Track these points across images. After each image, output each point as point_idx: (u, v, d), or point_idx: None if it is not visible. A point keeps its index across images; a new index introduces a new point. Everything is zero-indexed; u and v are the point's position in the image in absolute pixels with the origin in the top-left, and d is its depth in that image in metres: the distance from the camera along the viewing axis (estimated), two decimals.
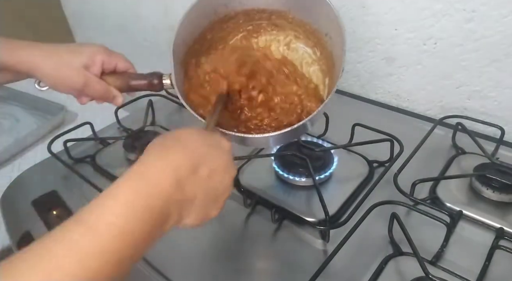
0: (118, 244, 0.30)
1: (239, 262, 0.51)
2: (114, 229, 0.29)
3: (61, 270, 0.26)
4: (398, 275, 0.47)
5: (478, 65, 0.67)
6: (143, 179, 0.33)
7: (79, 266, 0.27)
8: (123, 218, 0.30)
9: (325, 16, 0.51)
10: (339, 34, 0.48)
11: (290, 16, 0.56)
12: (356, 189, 0.59)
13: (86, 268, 0.27)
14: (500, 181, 0.54)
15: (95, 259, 0.28)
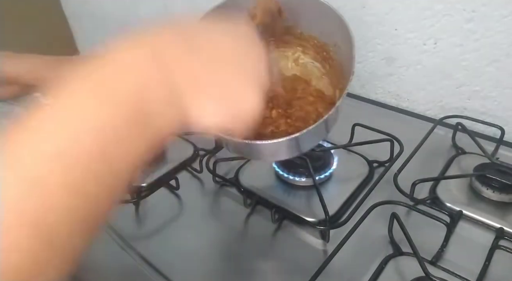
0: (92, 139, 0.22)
1: (239, 262, 0.51)
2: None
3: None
4: (398, 275, 0.47)
5: (478, 65, 0.67)
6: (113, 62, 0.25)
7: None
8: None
9: (333, 25, 0.51)
10: (347, 40, 0.48)
11: (298, 31, 0.57)
12: (356, 189, 0.59)
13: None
14: (500, 181, 0.54)
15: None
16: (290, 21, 0.55)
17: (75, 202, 0.22)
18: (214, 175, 0.63)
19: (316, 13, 0.53)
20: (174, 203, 0.61)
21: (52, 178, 0.21)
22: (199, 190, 0.64)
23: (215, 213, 0.59)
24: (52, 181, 0.21)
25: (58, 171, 0.21)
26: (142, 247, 0.54)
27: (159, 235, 0.56)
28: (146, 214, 0.60)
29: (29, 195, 0.20)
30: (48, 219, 0.21)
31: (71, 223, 0.22)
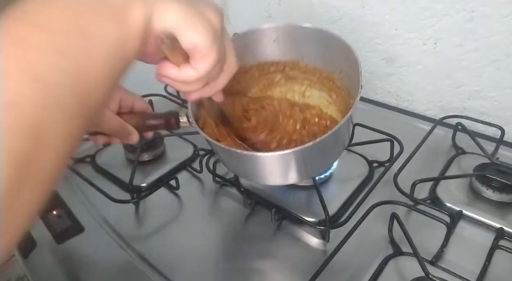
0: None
1: (239, 262, 0.51)
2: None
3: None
4: (398, 275, 0.47)
5: (478, 65, 0.67)
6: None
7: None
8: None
9: (338, 52, 0.52)
10: (353, 64, 0.49)
11: (303, 65, 0.58)
12: (356, 189, 0.59)
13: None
14: (500, 181, 0.54)
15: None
16: (295, 56, 0.58)
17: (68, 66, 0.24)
18: (214, 175, 0.63)
19: (319, 43, 0.54)
20: (174, 203, 0.61)
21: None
22: (199, 190, 0.64)
23: (215, 213, 0.59)
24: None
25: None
26: (142, 247, 0.54)
27: (159, 235, 0.56)
28: (146, 214, 0.60)
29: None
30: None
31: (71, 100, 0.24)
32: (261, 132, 0.55)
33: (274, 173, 0.48)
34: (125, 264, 0.53)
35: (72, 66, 0.24)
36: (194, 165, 0.67)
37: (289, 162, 0.46)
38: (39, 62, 0.23)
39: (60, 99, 0.24)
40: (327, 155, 0.50)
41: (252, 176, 0.51)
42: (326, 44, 0.53)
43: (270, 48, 0.57)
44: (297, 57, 0.58)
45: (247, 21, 0.96)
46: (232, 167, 0.53)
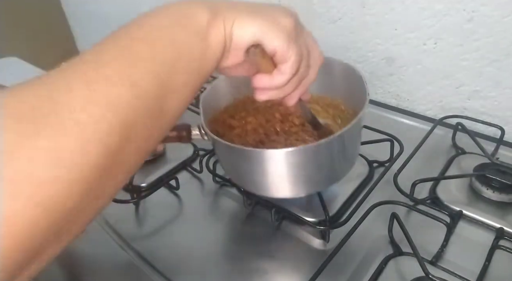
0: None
1: (239, 262, 0.51)
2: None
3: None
4: (398, 275, 0.47)
5: (478, 65, 0.67)
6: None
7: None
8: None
9: (340, 75, 0.54)
10: (357, 84, 0.50)
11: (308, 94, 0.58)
12: (356, 189, 0.59)
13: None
14: (500, 181, 0.54)
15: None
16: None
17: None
18: (214, 175, 0.63)
19: (320, 71, 0.55)
20: (174, 203, 0.61)
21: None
22: (199, 190, 0.64)
23: (215, 213, 0.59)
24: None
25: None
26: (142, 247, 0.54)
27: (159, 235, 0.56)
28: (146, 214, 0.60)
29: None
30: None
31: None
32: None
33: (279, 180, 0.48)
34: (125, 264, 0.53)
35: (162, 71, 0.28)
36: (194, 165, 0.67)
37: (297, 164, 0.46)
38: (136, 69, 0.26)
39: (148, 102, 0.27)
40: (334, 165, 0.49)
41: (259, 186, 0.50)
42: (327, 70, 0.55)
43: None
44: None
45: None
46: (247, 177, 0.51)
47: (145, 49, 0.27)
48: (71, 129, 0.23)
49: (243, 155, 0.46)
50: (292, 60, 0.35)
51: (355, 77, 0.51)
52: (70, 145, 0.23)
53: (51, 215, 0.22)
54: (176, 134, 0.51)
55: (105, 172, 0.25)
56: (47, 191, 0.22)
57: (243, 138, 0.56)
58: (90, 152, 0.23)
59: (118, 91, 0.25)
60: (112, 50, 0.27)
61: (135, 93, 0.26)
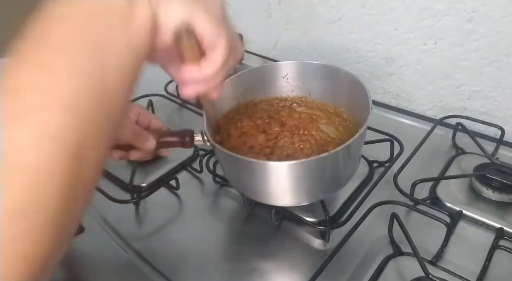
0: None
1: (239, 262, 0.51)
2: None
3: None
4: (398, 275, 0.47)
5: (478, 65, 0.67)
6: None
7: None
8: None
9: (344, 85, 0.55)
10: (361, 95, 0.50)
11: (310, 100, 0.61)
12: (356, 189, 0.59)
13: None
14: (500, 181, 0.54)
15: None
16: (303, 92, 0.61)
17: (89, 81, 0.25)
18: (214, 175, 0.63)
19: (326, 78, 0.57)
20: (174, 203, 0.61)
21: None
22: (199, 190, 0.64)
23: (215, 213, 0.59)
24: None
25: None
26: (142, 247, 0.54)
27: (159, 235, 0.56)
28: (146, 214, 0.60)
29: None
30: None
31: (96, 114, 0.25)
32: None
33: (283, 189, 0.48)
34: (125, 264, 0.53)
35: (95, 82, 0.25)
36: (194, 165, 0.67)
37: (300, 175, 0.46)
38: (67, 88, 0.23)
39: (91, 118, 0.24)
40: (338, 174, 0.49)
41: (262, 194, 0.50)
42: (332, 79, 0.56)
43: (280, 84, 0.61)
44: (305, 93, 0.61)
45: (247, 21, 0.96)
46: (249, 186, 0.51)
47: (65, 62, 0.24)
48: (16, 177, 0.21)
49: (244, 165, 0.46)
50: (223, 46, 0.33)
51: (360, 89, 0.51)
52: (20, 194, 0.21)
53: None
54: (179, 140, 0.51)
55: (67, 208, 0.24)
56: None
57: (247, 142, 0.56)
58: (45, 191, 0.22)
59: (52, 118, 0.23)
60: (26, 72, 0.23)
61: (73, 115, 0.23)
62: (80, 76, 0.24)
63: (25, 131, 0.22)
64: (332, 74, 0.56)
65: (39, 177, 0.22)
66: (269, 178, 0.46)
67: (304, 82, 0.60)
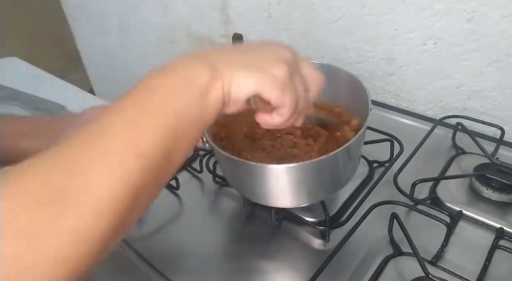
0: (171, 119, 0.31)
1: (239, 262, 0.51)
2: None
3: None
4: (398, 275, 0.47)
5: (478, 65, 0.67)
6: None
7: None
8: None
9: (344, 84, 0.54)
10: (361, 96, 0.50)
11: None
12: (356, 189, 0.59)
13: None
14: (500, 181, 0.54)
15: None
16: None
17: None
18: (214, 175, 0.63)
19: (326, 78, 0.56)
20: (174, 203, 0.61)
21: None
22: (199, 190, 0.64)
23: (215, 213, 0.60)
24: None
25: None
26: (142, 247, 0.54)
27: (159, 235, 0.56)
28: (146, 214, 0.60)
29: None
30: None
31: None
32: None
33: (282, 191, 0.48)
34: (125, 264, 0.53)
35: (167, 142, 0.30)
36: (194, 165, 0.67)
37: (299, 177, 0.46)
38: (143, 141, 0.29)
39: (152, 170, 0.29)
40: (338, 175, 0.49)
41: (262, 196, 0.50)
42: (332, 78, 0.55)
43: None
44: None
45: (247, 21, 0.96)
46: (249, 188, 0.51)
47: (151, 123, 0.30)
48: (89, 206, 0.26)
49: (243, 167, 0.46)
50: (288, 104, 0.36)
51: (360, 89, 0.51)
52: (86, 219, 0.26)
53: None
54: None
55: (116, 230, 0.28)
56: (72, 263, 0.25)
57: (248, 141, 0.56)
58: (103, 220, 0.27)
59: (129, 163, 0.28)
60: (119, 124, 0.29)
61: (144, 164, 0.29)
62: (157, 135, 0.30)
63: (103, 170, 0.27)
64: (332, 73, 0.56)
65: (104, 207, 0.26)
66: (268, 181, 0.46)
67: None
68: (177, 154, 0.32)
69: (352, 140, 0.44)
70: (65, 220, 0.25)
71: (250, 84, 0.35)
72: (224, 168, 0.53)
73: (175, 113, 0.31)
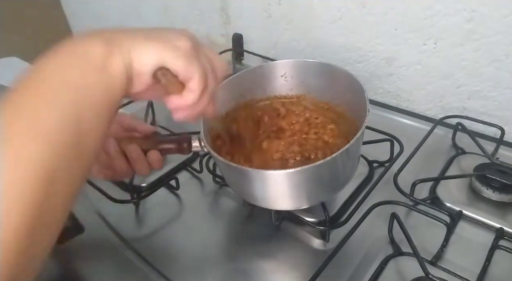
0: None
1: (239, 262, 0.51)
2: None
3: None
4: (398, 275, 0.47)
5: (478, 65, 0.67)
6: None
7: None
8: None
9: (342, 84, 0.55)
10: (359, 95, 0.50)
11: (309, 98, 0.61)
12: (356, 189, 0.59)
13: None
14: (500, 181, 0.54)
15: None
16: (302, 90, 0.61)
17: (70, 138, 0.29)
18: (214, 175, 0.63)
19: (324, 77, 0.57)
20: (174, 203, 0.61)
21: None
22: (199, 190, 0.64)
23: (215, 213, 0.59)
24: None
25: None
26: (142, 247, 0.54)
27: (159, 235, 0.56)
28: (146, 214, 0.60)
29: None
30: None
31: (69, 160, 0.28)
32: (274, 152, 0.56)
33: (282, 194, 0.48)
34: (125, 264, 0.53)
35: (68, 118, 0.28)
36: (194, 165, 0.67)
37: (298, 182, 0.45)
38: (41, 121, 0.27)
39: (62, 149, 0.27)
40: (337, 177, 0.49)
41: (260, 199, 0.49)
42: (331, 77, 0.56)
43: (278, 82, 0.60)
44: (304, 91, 0.61)
45: (247, 21, 0.96)
46: (242, 190, 0.51)
47: (43, 106, 0.28)
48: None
49: (242, 173, 0.46)
50: (198, 76, 0.36)
51: (358, 89, 0.51)
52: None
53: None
54: (177, 147, 0.51)
55: (33, 227, 0.25)
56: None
57: (246, 143, 0.56)
58: (12, 215, 0.24)
59: (30, 145, 0.26)
60: (10, 110, 0.27)
61: (47, 143, 0.27)
62: (54, 112, 0.28)
63: (5, 158, 0.25)
64: (331, 72, 0.56)
65: (9, 196, 0.24)
66: (267, 186, 0.46)
67: (303, 81, 0.60)
68: (89, 134, 0.30)
69: (350, 143, 0.43)
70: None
71: (151, 53, 0.34)
72: (223, 172, 0.53)
73: (68, 86, 0.30)
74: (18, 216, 0.24)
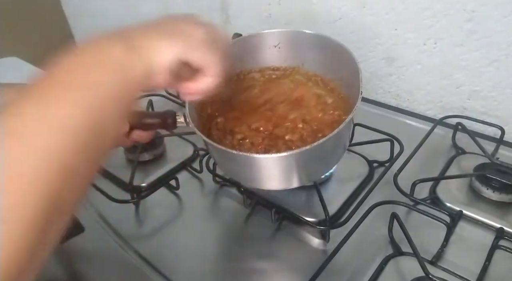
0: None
1: (239, 262, 0.51)
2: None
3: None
4: (398, 275, 0.47)
5: (478, 65, 0.67)
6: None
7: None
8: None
9: (338, 59, 0.53)
10: (354, 73, 0.49)
11: (303, 71, 0.59)
12: (356, 189, 0.59)
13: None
14: (500, 181, 0.54)
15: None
16: (296, 62, 0.59)
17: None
18: (214, 175, 0.63)
19: (320, 50, 0.55)
20: (174, 203, 0.61)
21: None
22: (199, 190, 0.64)
23: (215, 213, 0.59)
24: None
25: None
26: (142, 247, 0.54)
27: (159, 235, 0.56)
28: (146, 214, 0.60)
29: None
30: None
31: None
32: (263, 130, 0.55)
33: (271, 176, 0.48)
34: (125, 264, 0.53)
35: (87, 114, 0.29)
36: (194, 165, 0.67)
37: (288, 165, 0.46)
38: (62, 114, 0.28)
39: (82, 141, 0.28)
40: (327, 158, 0.49)
41: (248, 179, 0.50)
42: (327, 50, 0.54)
43: (271, 53, 0.59)
44: (298, 63, 0.59)
45: (247, 21, 0.96)
46: (228, 170, 0.52)
47: (64, 101, 0.29)
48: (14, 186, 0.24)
49: (231, 157, 0.46)
50: (214, 63, 0.37)
51: (351, 64, 0.50)
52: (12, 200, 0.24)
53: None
54: (161, 121, 0.50)
55: (46, 220, 0.26)
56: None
57: (241, 121, 0.55)
58: (28, 204, 0.25)
59: (50, 139, 0.27)
60: (34, 104, 0.28)
61: (67, 138, 0.27)
62: (74, 107, 0.28)
63: (24, 148, 0.25)
64: (325, 45, 0.54)
65: (24, 185, 0.25)
66: (256, 169, 0.47)
67: (297, 52, 0.58)
68: (106, 130, 0.31)
69: (339, 128, 0.43)
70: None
71: (169, 51, 0.34)
72: (212, 154, 0.53)
73: (89, 84, 0.30)
74: (32, 208, 0.25)
